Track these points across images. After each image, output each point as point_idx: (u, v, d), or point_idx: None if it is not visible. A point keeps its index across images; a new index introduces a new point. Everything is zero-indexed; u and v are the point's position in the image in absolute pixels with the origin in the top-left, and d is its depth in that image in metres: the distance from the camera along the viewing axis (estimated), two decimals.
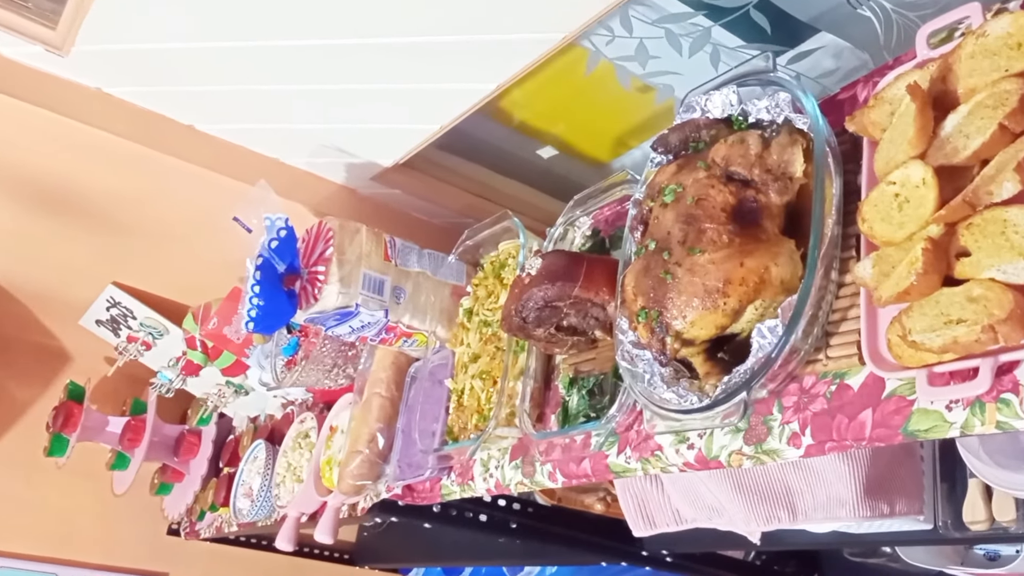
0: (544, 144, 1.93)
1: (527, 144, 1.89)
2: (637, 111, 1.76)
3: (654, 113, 1.85)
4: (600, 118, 1.81)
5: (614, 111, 1.75)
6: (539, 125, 1.85)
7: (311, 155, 1.74)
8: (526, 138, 1.89)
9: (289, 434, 2.14)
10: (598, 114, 1.79)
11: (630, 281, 1.12)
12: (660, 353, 1.07)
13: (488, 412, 1.51)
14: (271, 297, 1.56)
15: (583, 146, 2.01)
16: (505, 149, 1.94)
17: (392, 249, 1.69)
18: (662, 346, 1.06)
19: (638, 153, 2.05)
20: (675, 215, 1.10)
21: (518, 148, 1.95)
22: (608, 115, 1.79)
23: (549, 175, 2.04)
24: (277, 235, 1.57)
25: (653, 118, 1.88)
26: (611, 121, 1.82)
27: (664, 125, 1.99)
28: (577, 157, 2.04)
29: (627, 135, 1.97)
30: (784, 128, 1.10)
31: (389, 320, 1.66)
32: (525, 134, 1.91)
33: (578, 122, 1.82)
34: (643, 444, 1.24)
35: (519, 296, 1.33)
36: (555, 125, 1.82)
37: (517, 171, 2.00)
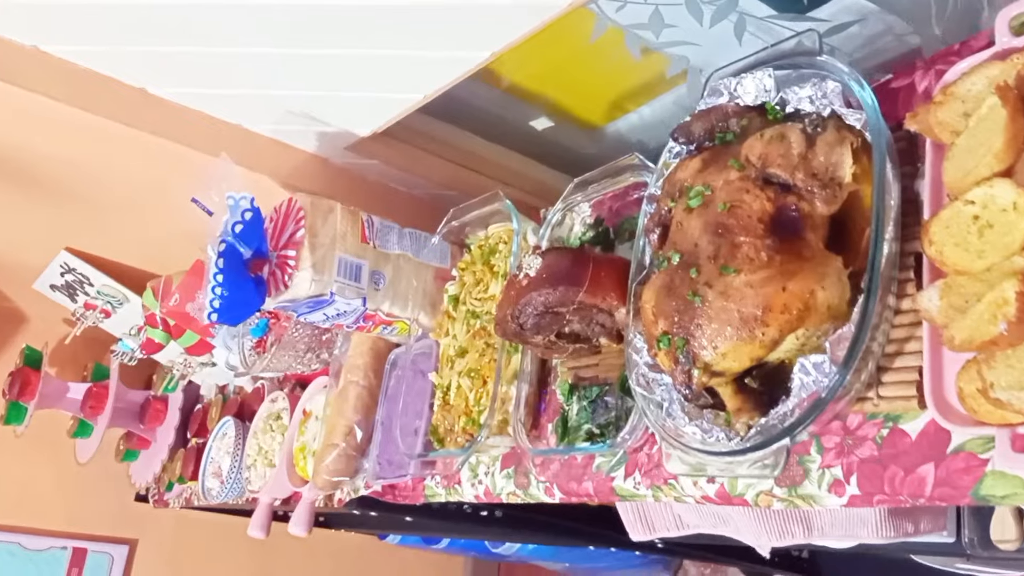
0: (537, 110, 1.75)
1: (519, 109, 1.71)
2: (643, 77, 1.59)
3: (660, 78, 1.68)
4: (601, 83, 1.63)
5: (617, 77, 1.58)
6: (533, 88, 1.67)
7: (278, 122, 1.55)
8: (518, 102, 1.71)
9: (259, 414, 2.00)
10: (599, 80, 1.61)
11: (649, 299, 0.97)
12: (685, 386, 0.92)
13: (477, 415, 1.37)
14: (236, 285, 1.39)
15: (578, 110, 1.83)
16: (495, 113, 1.76)
17: (370, 229, 1.52)
18: (687, 379, 0.92)
19: (635, 117, 1.88)
20: (703, 224, 0.95)
21: (509, 113, 1.77)
22: (610, 81, 1.62)
23: (542, 142, 1.87)
24: (241, 217, 1.39)
25: (657, 82, 1.71)
26: (612, 86, 1.65)
27: (670, 90, 1.85)
28: (572, 122, 1.86)
29: (626, 98, 1.79)
30: (831, 123, 0.94)
31: (367, 308, 1.51)
32: (517, 97, 1.73)
33: (577, 87, 1.65)
34: (655, 471, 1.11)
35: (515, 300, 1.18)
36: (550, 89, 1.64)
37: (507, 138, 1.83)
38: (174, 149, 1.57)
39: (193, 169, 1.55)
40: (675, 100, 1.78)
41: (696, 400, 0.94)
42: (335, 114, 1.52)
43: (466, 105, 1.73)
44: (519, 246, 1.35)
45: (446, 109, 1.71)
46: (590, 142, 1.95)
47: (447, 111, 1.72)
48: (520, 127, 1.82)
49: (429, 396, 1.52)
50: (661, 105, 1.81)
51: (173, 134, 1.56)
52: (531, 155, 1.87)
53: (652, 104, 1.81)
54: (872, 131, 0.89)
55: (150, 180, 1.75)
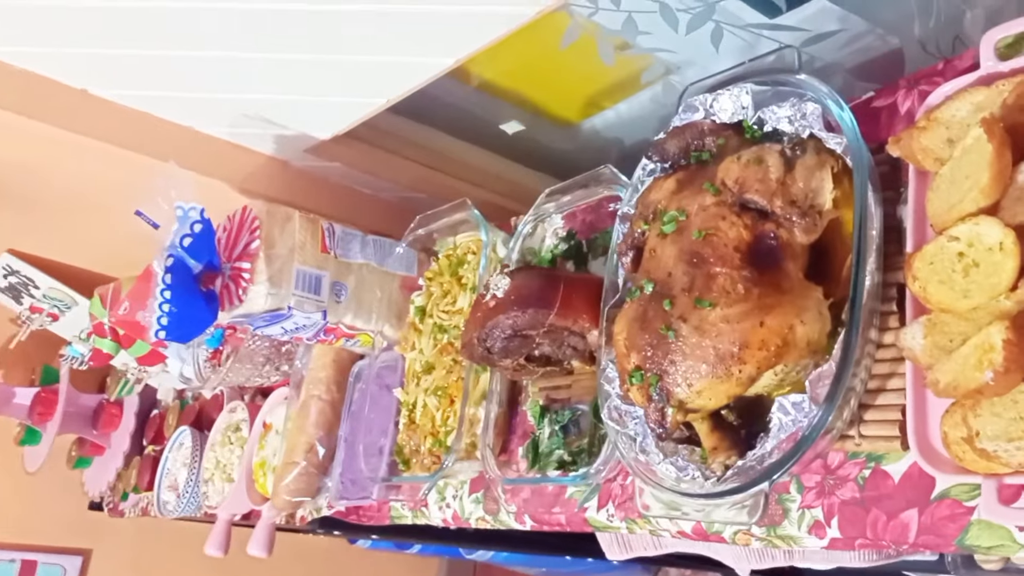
0: (510, 107, 1.69)
1: (491, 106, 1.66)
2: (619, 76, 1.54)
3: (636, 78, 1.63)
4: (576, 81, 1.58)
5: (592, 76, 1.53)
6: (506, 85, 1.61)
7: (233, 125, 1.48)
8: (490, 99, 1.65)
9: (218, 425, 1.93)
10: (574, 78, 1.56)
11: (621, 330, 0.92)
12: (658, 424, 0.88)
13: (444, 436, 1.32)
14: (185, 302, 1.32)
15: (553, 107, 1.78)
16: (465, 111, 1.70)
17: (330, 238, 1.46)
18: (660, 417, 0.87)
19: (612, 115, 1.83)
20: (678, 252, 0.90)
21: (481, 110, 1.71)
22: (585, 79, 1.57)
23: (516, 140, 1.81)
24: (191, 230, 1.32)
25: (633, 81, 1.66)
26: (587, 84, 1.60)
27: (647, 88, 1.80)
28: (547, 119, 1.81)
29: (602, 96, 1.74)
30: (811, 145, 0.90)
31: (328, 321, 1.44)
32: (489, 94, 1.67)
33: (551, 84, 1.59)
34: (629, 503, 1.07)
35: (482, 322, 1.12)
36: (524, 86, 1.59)
37: (479, 136, 1.77)
38: (120, 152, 1.49)
39: (141, 171, 1.48)
40: (652, 98, 1.74)
41: (670, 438, 0.89)
42: (294, 117, 1.45)
43: (435, 102, 1.66)
44: (488, 259, 1.30)
45: (413, 107, 1.64)
46: (566, 139, 1.89)
47: (415, 109, 1.65)
48: (492, 125, 1.76)
49: (394, 413, 1.47)
50: (639, 102, 1.76)
51: (117, 137, 1.48)
52: (504, 154, 1.82)
53: (629, 101, 1.76)
54: (854, 158, 0.84)
55: (97, 182, 1.66)
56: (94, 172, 1.63)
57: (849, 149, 0.85)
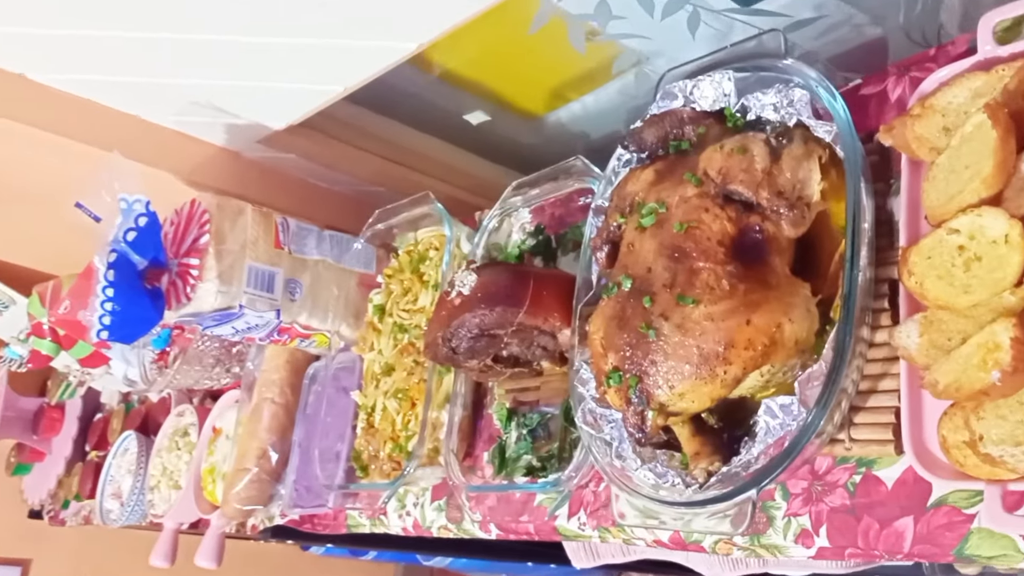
0: (473, 99, 1.63)
1: (453, 97, 1.59)
2: (587, 65, 1.48)
3: (606, 68, 1.58)
4: (543, 71, 1.52)
5: (560, 66, 1.47)
6: (469, 74, 1.55)
7: (181, 113, 1.39)
8: (452, 89, 1.58)
9: (164, 430, 1.84)
10: (541, 67, 1.50)
11: (598, 329, 0.87)
12: (637, 429, 0.82)
13: (405, 441, 1.25)
14: (129, 299, 1.24)
15: (518, 99, 1.72)
16: (427, 101, 1.63)
17: (284, 233, 1.39)
18: (640, 421, 0.82)
19: (578, 107, 1.78)
20: (658, 246, 0.85)
21: (442, 100, 1.64)
22: (552, 69, 1.51)
23: (478, 133, 1.75)
24: (135, 223, 1.24)
25: (602, 71, 1.60)
26: (554, 74, 1.54)
27: (616, 79, 1.75)
28: (511, 111, 1.75)
29: (568, 87, 1.69)
30: (798, 133, 0.85)
31: (282, 321, 1.37)
32: (452, 84, 1.61)
33: (517, 74, 1.53)
34: (602, 511, 1.01)
35: (447, 321, 1.06)
36: (488, 76, 1.52)
37: (440, 128, 1.70)
38: (60, 141, 1.40)
39: (82, 161, 1.39)
40: (621, 89, 1.68)
41: (649, 443, 0.84)
42: (246, 105, 1.37)
43: (395, 92, 1.59)
44: (451, 255, 1.23)
45: (372, 96, 1.57)
46: (530, 132, 1.84)
47: (374, 99, 1.58)
48: (454, 117, 1.70)
49: (352, 417, 1.40)
50: (606, 94, 1.71)
51: (57, 125, 1.39)
52: (467, 147, 1.75)
53: (597, 93, 1.71)
54: (846, 147, 0.79)
55: (35, 173, 1.57)
56: (32, 162, 1.53)
57: (840, 138, 0.80)
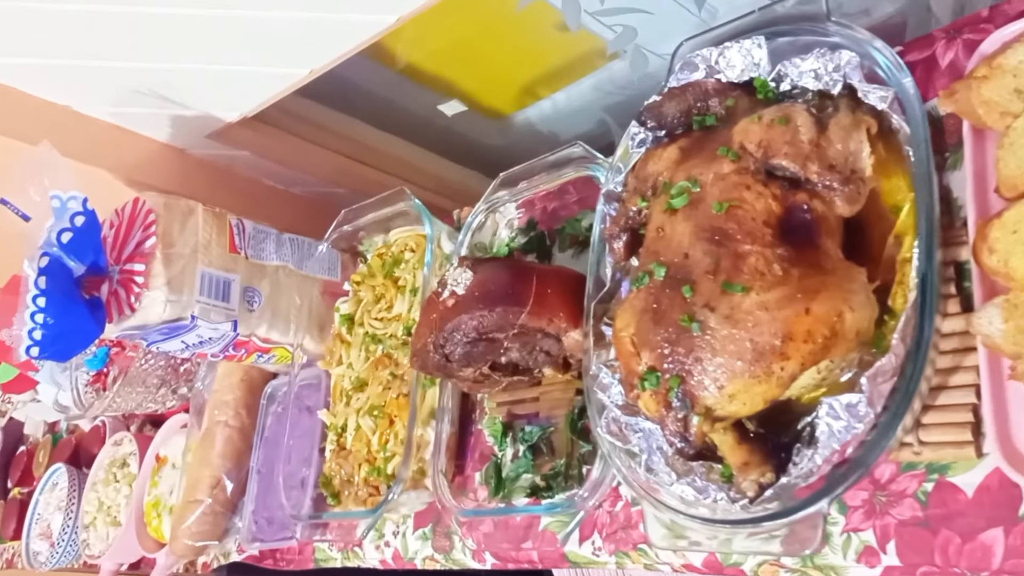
0: (438, 96, 1.52)
1: (416, 94, 1.48)
2: (562, 57, 1.39)
3: (582, 58, 1.49)
4: (513, 64, 1.42)
5: (533, 57, 1.38)
6: (434, 69, 1.44)
7: (120, 103, 1.24)
8: (416, 86, 1.47)
9: (100, 461, 1.66)
10: (512, 60, 1.40)
11: (626, 324, 0.76)
12: (679, 437, 0.72)
13: (384, 463, 1.12)
14: (64, 310, 1.09)
15: (485, 96, 1.61)
16: (387, 99, 1.52)
17: (240, 236, 1.25)
18: (683, 428, 0.72)
19: (547, 105, 1.68)
20: (694, 229, 0.75)
21: (404, 98, 1.53)
22: (524, 61, 1.41)
23: (442, 133, 1.64)
24: (71, 223, 1.09)
25: (577, 64, 1.51)
26: (525, 68, 1.44)
27: (591, 73, 1.66)
28: (477, 110, 1.64)
29: (539, 83, 1.59)
30: (843, 103, 0.76)
31: (239, 333, 1.23)
32: (415, 80, 1.49)
33: (485, 68, 1.43)
34: (622, 534, 0.90)
35: (440, 324, 0.94)
36: (454, 71, 1.42)
37: (402, 127, 1.58)
38: None
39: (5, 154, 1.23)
40: (596, 85, 1.60)
41: (692, 453, 0.73)
42: (195, 93, 1.22)
43: (355, 88, 1.47)
44: (433, 255, 1.11)
45: (331, 92, 1.45)
46: (497, 133, 1.73)
47: (332, 95, 1.46)
48: (417, 115, 1.58)
49: (319, 439, 1.26)
50: (578, 92, 1.62)
51: None
52: (430, 147, 1.63)
53: (568, 90, 1.62)
54: (911, 112, 0.71)
55: None
56: None
57: (903, 103, 0.71)
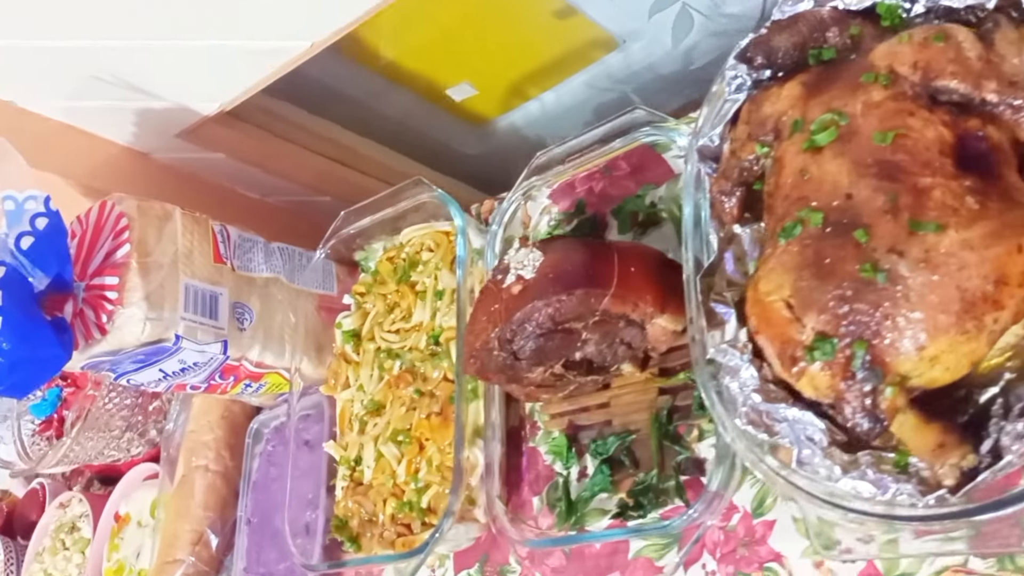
0: (419, 97, 1.38)
1: (394, 96, 1.34)
2: (560, 48, 1.28)
3: (574, 55, 1.38)
4: (506, 58, 1.31)
5: (521, 58, 1.26)
6: (413, 66, 1.30)
7: (74, 96, 1.06)
8: (395, 87, 1.34)
9: (43, 527, 1.42)
10: (507, 53, 1.29)
11: (777, 287, 0.63)
12: (867, 415, 0.58)
13: (416, 495, 0.95)
14: (24, 333, 0.89)
15: (468, 99, 1.48)
16: (363, 101, 1.37)
17: (225, 244, 1.07)
18: (871, 402, 0.58)
19: (535, 107, 1.56)
20: (852, 165, 0.62)
21: (382, 100, 1.39)
22: (521, 54, 1.30)
23: (420, 138, 1.50)
24: (32, 226, 0.90)
25: (569, 59, 1.40)
26: (513, 67, 1.33)
27: (585, 68, 1.55)
28: (458, 115, 1.51)
29: (529, 81, 1.47)
30: (1002, 18, 0.65)
31: (229, 357, 1.04)
32: (394, 81, 1.36)
33: (473, 63, 1.31)
34: (742, 552, 0.75)
35: (504, 316, 0.79)
36: (437, 68, 1.29)
37: (379, 131, 1.43)
38: None
39: None
40: (588, 81, 1.48)
41: (881, 434, 0.60)
42: (165, 79, 1.04)
43: (329, 90, 1.32)
44: (467, 250, 0.96)
45: (305, 94, 1.29)
46: (474, 140, 1.60)
47: (306, 97, 1.30)
48: (393, 119, 1.44)
49: (324, 476, 1.08)
50: (569, 90, 1.50)
51: None
52: (407, 154, 1.49)
53: (559, 89, 1.50)
54: None
55: None
56: None
57: None
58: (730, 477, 0.73)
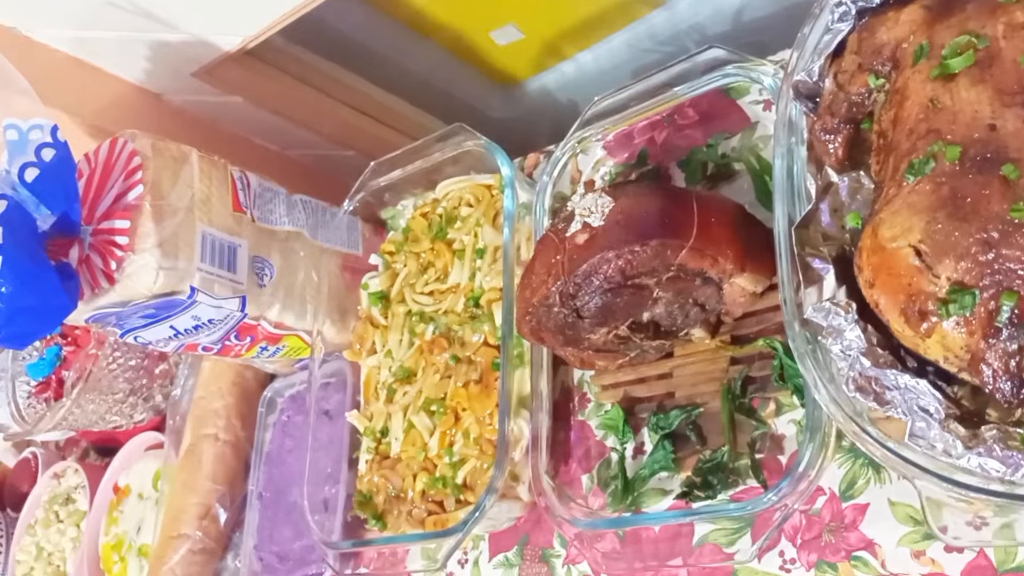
0: (450, 52, 1.30)
1: (418, 50, 1.25)
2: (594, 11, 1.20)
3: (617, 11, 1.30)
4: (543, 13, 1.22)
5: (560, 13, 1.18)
6: (444, 18, 1.21)
7: (83, 24, 0.97)
8: (421, 40, 1.25)
9: (35, 498, 1.34)
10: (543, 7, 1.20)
11: (905, 230, 0.54)
12: (1012, 378, 0.50)
13: (451, 471, 0.87)
14: (27, 276, 0.80)
15: (498, 56, 1.39)
16: (388, 55, 1.28)
17: (244, 192, 0.99)
18: (1016, 363, 0.50)
19: (570, 68, 1.48)
20: (995, 93, 0.54)
21: (406, 55, 1.30)
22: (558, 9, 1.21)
23: (442, 96, 1.41)
24: (37, 157, 0.81)
25: (611, 16, 1.32)
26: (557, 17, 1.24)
27: (627, 26, 1.46)
28: (488, 73, 1.43)
29: (565, 39, 1.38)
30: None
31: (246, 314, 0.96)
32: (420, 32, 1.27)
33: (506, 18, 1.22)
34: (828, 538, 0.67)
35: (567, 268, 0.70)
36: (468, 20, 1.20)
37: (401, 87, 1.35)
38: None
39: None
40: (629, 41, 1.40)
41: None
42: (185, 6, 0.95)
43: (354, 41, 1.23)
44: (514, 202, 0.87)
45: (329, 44, 1.20)
46: (503, 103, 1.51)
47: (330, 47, 1.21)
48: (417, 75, 1.35)
49: (347, 448, 1.00)
50: (607, 50, 1.42)
51: None
52: (433, 115, 1.40)
53: (596, 49, 1.42)
54: None
55: None
56: None
57: None
58: (819, 455, 0.65)
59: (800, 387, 0.70)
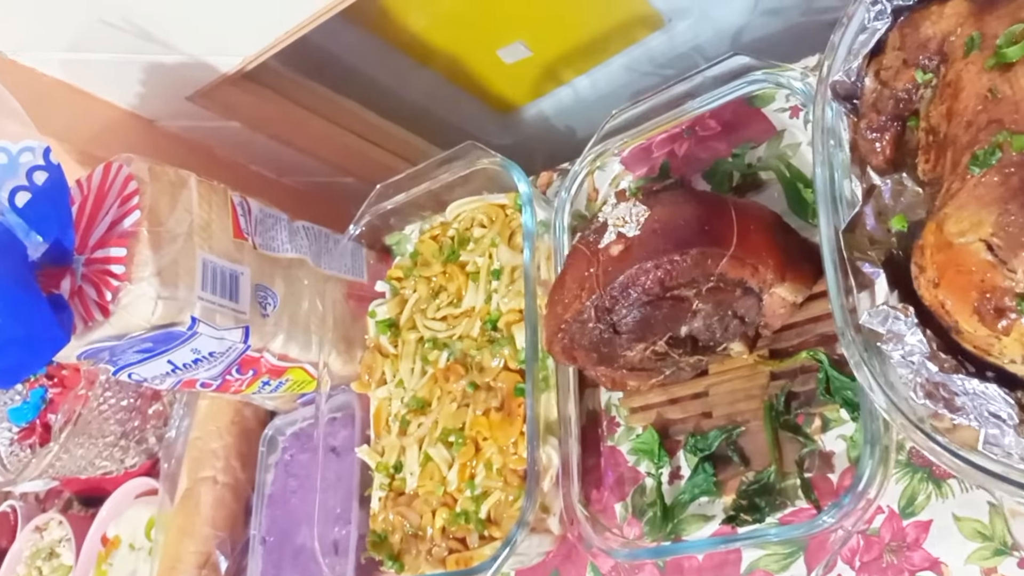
0: (447, 80, 1.27)
1: (417, 78, 1.23)
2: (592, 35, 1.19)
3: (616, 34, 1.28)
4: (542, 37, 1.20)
5: (570, 26, 1.16)
6: (440, 44, 1.19)
7: (74, 47, 0.93)
8: (418, 67, 1.23)
9: (16, 554, 1.26)
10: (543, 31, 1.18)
11: (975, 224, 0.51)
12: None
13: (473, 505, 0.82)
14: (16, 306, 0.75)
15: (496, 81, 1.37)
16: (385, 83, 1.26)
17: (246, 219, 0.94)
18: None
19: (566, 94, 1.46)
20: None
21: (404, 82, 1.28)
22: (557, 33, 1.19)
23: (440, 124, 1.38)
24: (28, 180, 0.77)
25: (611, 39, 1.30)
26: (555, 40, 1.22)
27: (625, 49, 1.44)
28: (485, 100, 1.40)
29: (563, 64, 1.37)
30: None
31: (250, 346, 0.91)
32: (417, 60, 1.25)
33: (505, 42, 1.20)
34: (890, 559, 0.63)
35: (602, 281, 0.66)
36: (465, 47, 1.18)
37: (399, 115, 1.32)
38: None
39: None
40: (628, 65, 1.39)
41: None
42: (181, 24, 0.91)
43: (351, 69, 1.21)
44: (534, 219, 0.84)
45: (326, 71, 1.17)
46: (500, 129, 1.49)
47: (328, 73, 1.18)
48: (417, 104, 1.33)
49: (356, 488, 0.94)
50: (606, 74, 1.40)
51: None
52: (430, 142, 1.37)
53: (594, 73, 1.40)
54: None
55: None
56: None
57: None
58: (880, 470, 0.61)
59: (849, 400, 0.67)
